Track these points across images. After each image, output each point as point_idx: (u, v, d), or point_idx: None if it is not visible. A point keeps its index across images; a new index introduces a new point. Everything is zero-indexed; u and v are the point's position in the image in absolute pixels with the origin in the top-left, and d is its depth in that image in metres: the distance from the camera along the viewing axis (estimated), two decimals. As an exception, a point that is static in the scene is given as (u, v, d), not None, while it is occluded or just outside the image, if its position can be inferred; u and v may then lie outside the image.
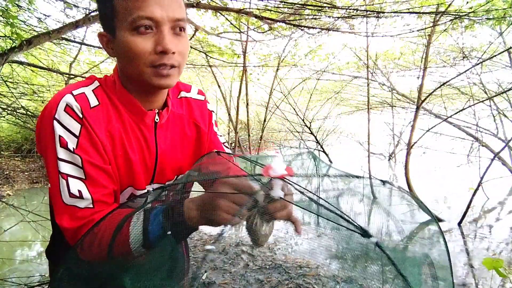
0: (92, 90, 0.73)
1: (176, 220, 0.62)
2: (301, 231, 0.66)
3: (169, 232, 0.62)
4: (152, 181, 0.82)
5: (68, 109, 0.67)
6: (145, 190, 0.81)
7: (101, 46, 0.76)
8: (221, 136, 0.96)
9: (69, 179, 0.67)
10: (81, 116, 0.68)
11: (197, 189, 0.76)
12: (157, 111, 0.79)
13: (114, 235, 0.62)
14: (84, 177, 0.68)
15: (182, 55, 0.72)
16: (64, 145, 0.67)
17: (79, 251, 0.63)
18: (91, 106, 0.70)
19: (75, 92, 0.70)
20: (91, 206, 0.68)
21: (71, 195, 0.67)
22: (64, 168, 0.67)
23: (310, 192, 0.61)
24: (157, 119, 0.79)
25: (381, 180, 0.64)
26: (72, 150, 0.67)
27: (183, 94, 0.88)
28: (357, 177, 0.65)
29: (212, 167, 0.81)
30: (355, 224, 0.51)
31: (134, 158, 0.76)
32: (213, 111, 0.94)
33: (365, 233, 0.50)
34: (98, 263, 0.66)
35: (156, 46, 0.67)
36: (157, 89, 0.76)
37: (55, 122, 0.67)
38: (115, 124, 0.74)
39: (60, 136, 0.66)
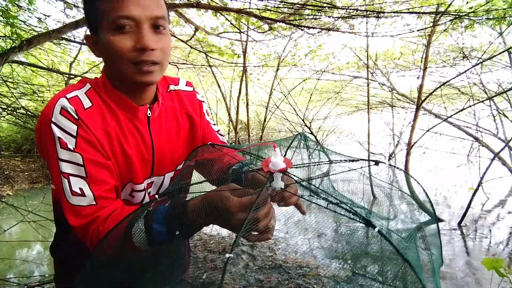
0: (85, 93, 0.75)
1: (181, 222, 0.63)
2: (305, 211, 0.69)
3: (177, 232, 0.64)
4: (151, 174, 0.84)
5: (64, 111, 0.70)
6: (144, 184, 0.83)
7: None
8: (214, 124, 0.98)
9: (70, 178, 0.69)
10: (76, 117, 0.71)
11: (196, 188, 0.77)
12: (149, 106, 0.81)
13: (121, 245, 0.65)
14: (85, 175, 0.70)
15: (163, 52, 0.74)
16: (64, 146, 0.69)
17: (95, 249, 0.66)
18: (85, 107, 0.73)
19: (68, 96, 0.72)
20: (94, 203, 0.70)
21: (74, 193, 0.69)
22: (65, 167, 0.69)
23: (312, 185, 0.62)
24: (149, 114, 0.81)
25: (374, 161, 0.66)
26: (72, 149, 0.69)
27: (172, 87, 0.91)
28: (353, 160, 0.67)
29: (209, 155, 0.83)
30: (358, 214, 0.52)
31: (132, 153, 0.78)
32: (203, 101, 0.97)
33: (367, 223, 0.51)
34: (113, 268, 0.68)
35: (135, 43, 0.70)
36: (141, 85, 0.77)
37: (52, 125, 0.69)
38: (110, 122, 0.76)
39: (59, 137, 0.69)
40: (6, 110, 4.52)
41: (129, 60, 0.71)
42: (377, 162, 0.65)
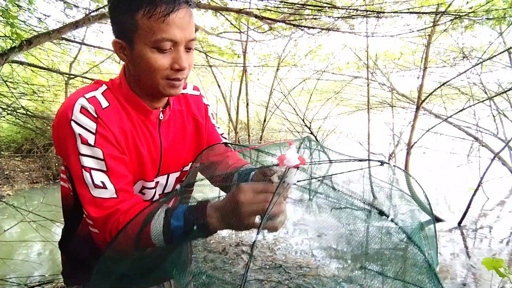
0: (102, 93, 0.80)
1: (198, 224, 0.66)
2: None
3: (194, 227, 0.66)
4: (158, 174, 0.89)
5: (83, 110, 0.74)
6: (154, 182, 0.88)
7: (100, 46, 0.80)
8: (219, 128, 1.03)
9: (92, 171, 0.73)
10: (95, 116, 0.75)
11: (198, 181, 0.80)
12: (161, 109, 0.87)
13: (137, 237, 0.68)
14: (105, 169, 0.74)
15: (190, 68, 0.81)
16: (85, 142, 0.73)
17: (110, 246, 0.69)
18: (103, 107, 0.77)
19: (87, 96, 0.77)
20: (115, 196, 0.74)
21: (96, 185, 0.73)
22: (87, 162, 0.73)
23: (326, 179, 0.65)
24: (161, 117, 0.86)
25: (379, 161, 0.70)
26: (92, 145, 0.74)
27: None
28: (359, 160, 0.71)
29: (213, 158, 0.89)
30: (372, 205, 0.57)
31: (144, 152, 0.83)
32: (209, 105, 1.02)
33: (380, 212, 0.56)
34: (126, 262, 0.72)
35: (173, 63, 0.76)
36: (166, 96, 0.84)
37: (72, 123, 0.73)
38: (126, 122, 0.81)
39: (79, 134, 0.73)
40: (6, 110, 4.52)
41: (164, 76, 0.77)
42: (382, 163, 0.69)
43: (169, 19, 0.72)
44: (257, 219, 0.64)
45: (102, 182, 0.73)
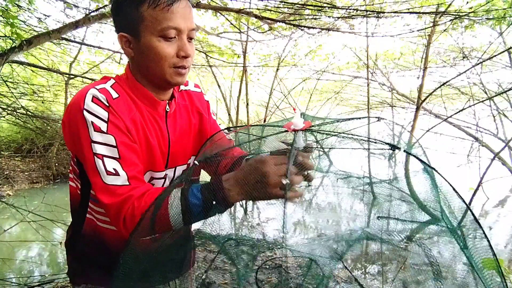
0: (111, 86, 0.82)
1: (217, 198, 0.68)
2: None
3: (213, 201, 0.68)
4: (166, 166, 0.91)
5: (95, 99, 0.76)
6: (163, 173, 0.90)
7: (100, 46, 0.81)
8: (220, 124, 1.07)
9: (105, 159, 0.74)
10: (107, 104, 0.77)
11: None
12: (167, 102, 0.89)
13: (154, 211, 0.69)
14: (118, 156, 0.76)
15: (192, 58, 0.85)
16: (98, 129, 0.75)
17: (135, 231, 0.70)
18: (113, 98, 0.79)
19: (97, 87, 0.79)
20: (127, 183, 0.75)
21: (108, 172, 0.74)
22: (99, 149, 0.74)
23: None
24: (167, 109, 0.89)
25: (377, 117, 0.73)
26: (105, 132, 0.75)
27: (182, 87, 1.00)
28: (356, 118, 0.74)
29: (216, 151, 0.89)
30: (384, 142, 0.61)
31: (154, 143, 0.85)
32: (209, 101, 1.07)
33: (393, 147, 0.61)
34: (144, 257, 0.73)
35: (178, 51, 0.81)
36: (173, 85, 0.86)
37: (85, 112, 0.75)
38: (136, 113, 0.83)
39: (92, 122, 0.74)
40: (6, 110, 4.52)
41: (171, 64, 0.81)
42: (379, 119, 0.73)
43: (173, 9, 0.77)
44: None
45: (114, 169, 0.74)
